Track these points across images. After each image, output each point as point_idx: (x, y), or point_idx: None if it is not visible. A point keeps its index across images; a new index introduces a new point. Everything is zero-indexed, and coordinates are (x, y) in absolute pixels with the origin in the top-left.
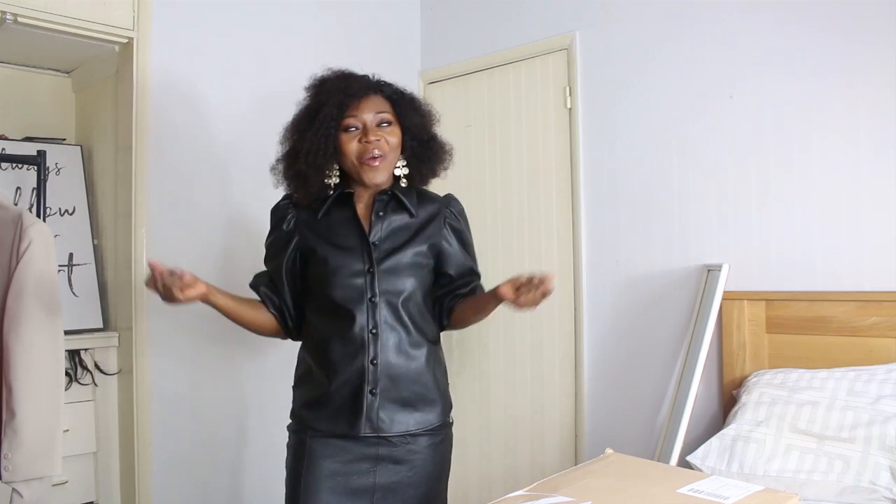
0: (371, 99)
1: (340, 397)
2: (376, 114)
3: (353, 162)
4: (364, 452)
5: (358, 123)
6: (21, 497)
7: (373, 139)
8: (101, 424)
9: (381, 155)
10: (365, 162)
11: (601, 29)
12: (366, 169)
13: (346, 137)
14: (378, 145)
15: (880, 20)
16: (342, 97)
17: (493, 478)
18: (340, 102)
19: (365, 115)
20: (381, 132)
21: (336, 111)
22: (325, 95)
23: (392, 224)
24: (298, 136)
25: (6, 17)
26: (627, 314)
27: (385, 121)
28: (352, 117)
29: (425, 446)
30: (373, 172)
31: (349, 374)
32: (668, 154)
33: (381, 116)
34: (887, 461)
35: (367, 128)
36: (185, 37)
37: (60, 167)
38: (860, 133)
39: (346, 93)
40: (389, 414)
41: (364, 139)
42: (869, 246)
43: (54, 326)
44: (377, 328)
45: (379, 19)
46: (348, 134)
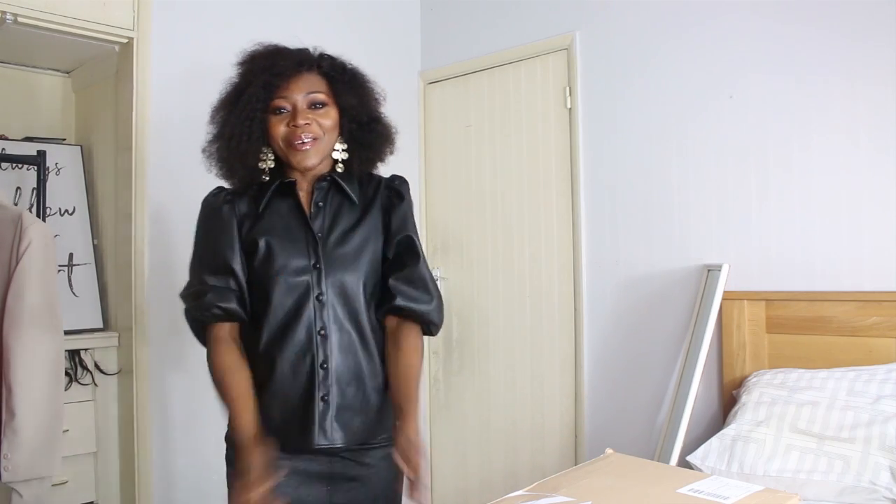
0: (303, 77)
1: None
2: (307, 94)
3: (280, 146)
4: (318, 471)
5: (287, 105)
6: (21, 497)
7: (301, 122)
8: (101, 424)
9: (311, 139)
10: (293, 146)
11: (601, 29)
12: (294, 153)
13: (275, 120)
14: (307, 129)
15: (880, 20)
16: (269, 76)
17: (493, 478)
18: (267, 82)
19: (295, 96)
20: (313, 114)
21: (262, 92)
22: (252, 74)
23: (334, 212)
24: (223, 118)
25: (6, 17)
26: (627, 314)
27: (318, 101)
28: (281, 98)
29: (380, 458)
30: (301, 156)
31: (297, 381)
32: (667, 154)
33: (313, 97)
34: (887, 461)
35: (296, 110)
36: (185, 37)
37: (60, 167)
38: (860, 133)
39: (273, 71)
40: (343, 423)
41: (292, 122)
42: (869, 246)
43: (54, 326)
44: (325, 329)
45: (379, 19)
46: (277, 116)
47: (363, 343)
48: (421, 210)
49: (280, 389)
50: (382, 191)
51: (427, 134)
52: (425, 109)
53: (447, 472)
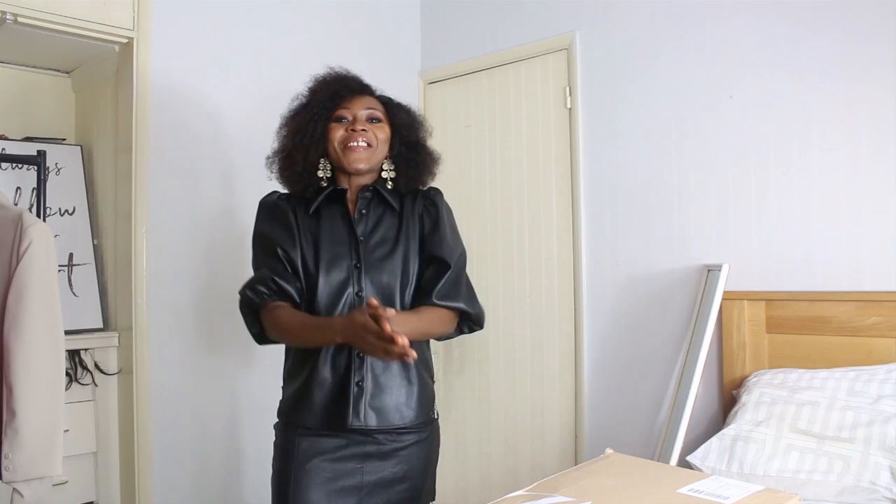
0: (365, 97)
1: (328, 392)
2: (367, 109)
3: (335, 148)
4: (352, 451)
5: (349, 115)
6: (21, 497)
7: (359, 128)
8: (101, 424)
9: (366, 143)
10: (348, 147)
11: (601, 29)
12: (348, 154)
13: (335, 126)
14: (365, 135)
15: (880, 20)
16: (337, 88)
17: (493, 478)
18: (335, 93)
19: (356, 108)
20: (370, 126)
21: (329, 101)
22: (321, 89)
23: (377, 219)
24: (292, 124)
25: (6, 17)
26: (627, 314)
27: (375, 117)
28: (344, 108)
29: (412, 443)
30: (354, 156)
31: (335, 368)
32: (668, 154)
33: (372, 112)
34: (887, 461)
35: (356, 119)
36: (185, 37)
37: (60, 167)
38: (860, 133)
39: (341, 84)
40: (375, 408)
41: (351, 127)
42: (869, 246)
43: (54, 327)
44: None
45: (379, 19)
46: (338, 123)
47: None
48: None
49: (321, 375)
50: (419, 201)
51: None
52: (425, 109)
53: (447, 472)
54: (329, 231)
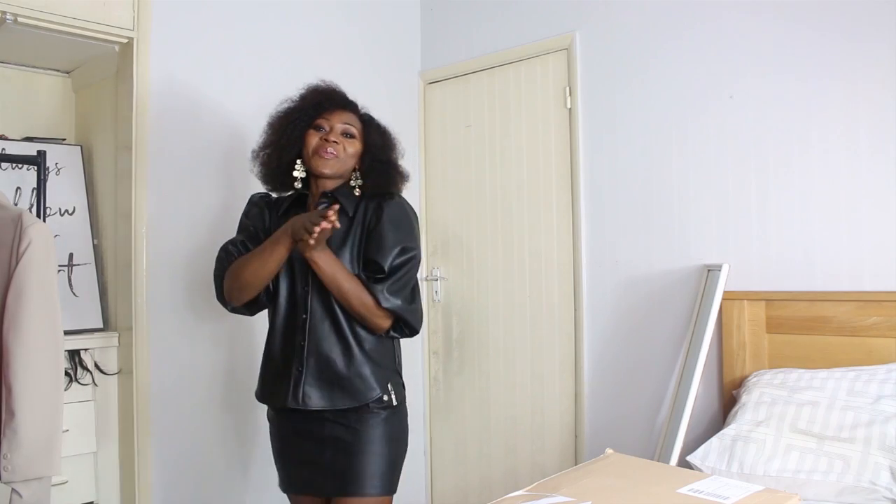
0: (345, 113)
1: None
2: (344, 124)
3: (308, 153)
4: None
5: (326, 126)
6: (21, 497)
7: (332, 139)
8: (101, 424)
9: (334, 154)
10: (318, 152)
11: (601, 29)
12: (317, 159)
13: (313, 133)
14: (335, 146)
15: (880, 20)
16: (321, 99)
17: (493, 478)
18: (318, 104)
19: (334, 122)
20: (343, 140)
21: (312, 110)
22: (308, 96)
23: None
24: (276, 125)
25: (6, 17)
26: (627, 314)
27: (350, 132)
28: (323, 119)
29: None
30: (322, 162)
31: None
32: (668, 154)
33: (347, 128)
34: (887, 461)
35: (332, 130)
36: (185, 37)
37: (60, 167)
38: (860, 133)
39: (326, 96)
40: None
41: (324, 137)
42: (869, 246)
43: (54, 327)
44: (307, 315)
45: (379, 19)
46: (315, 131)
47: (336, 327)
48: (421, 210)
49: (272, 360)
50: (371, 206)
51: (427, 134)
52: (425, 109)
53: (447, 471)
54: None
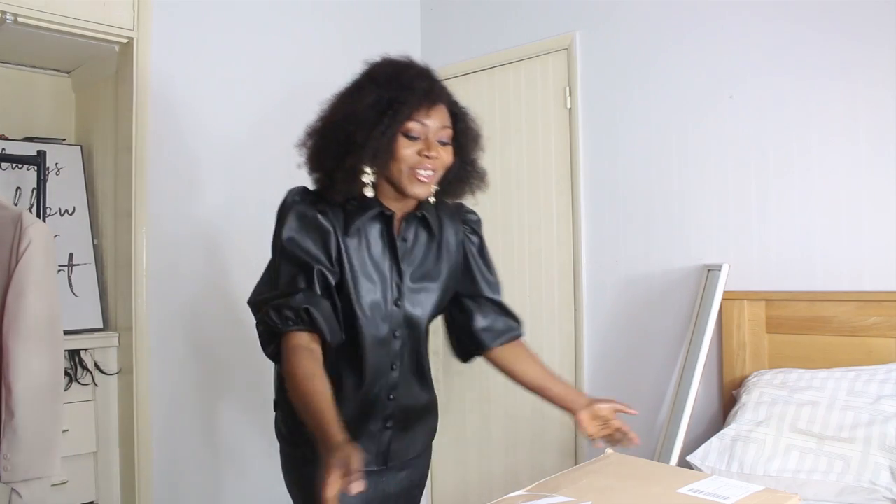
0: (439, 109)
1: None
2: (442, 128)
3: (402, 169)
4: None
5: (421, 133)
6: (20, 497)
7: (433, 155)
8: (101, 424)
9: (433, 175)
10: (416, 175)
11: (601, 29)
12: (413, 182)
13: (405, 142)
14: (435, 163)
15: (880, 21)
16: (420, 99)
17: (493, 478)
18: (417, 104)
19: (430, 127)
20: (441, 149)
21: (404, 108)
22: (401, 91)
23: (418, 245)
24: (351, 118)
25: (6, 17)
26: (627, 314)
27: (446, 139)
28: (418, 122)
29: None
30: (420, 188)
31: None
32: (668, 154)
33: (445, 132)
34: (887, 461)
35: (428, 141)
36: (185, 37)
37: (60, 167)
38: (860, 133)
39: (425, 96)
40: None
41: (425, 152)
42: (869, 246)
43: (54, 326)
44: (395, 363)
45: (379, 19)
46: (408, 140)
47: (420, 373)
48: None
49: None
50: (457, 226)
51: None
52: None
53: (447, 471)
54: (370, 257)
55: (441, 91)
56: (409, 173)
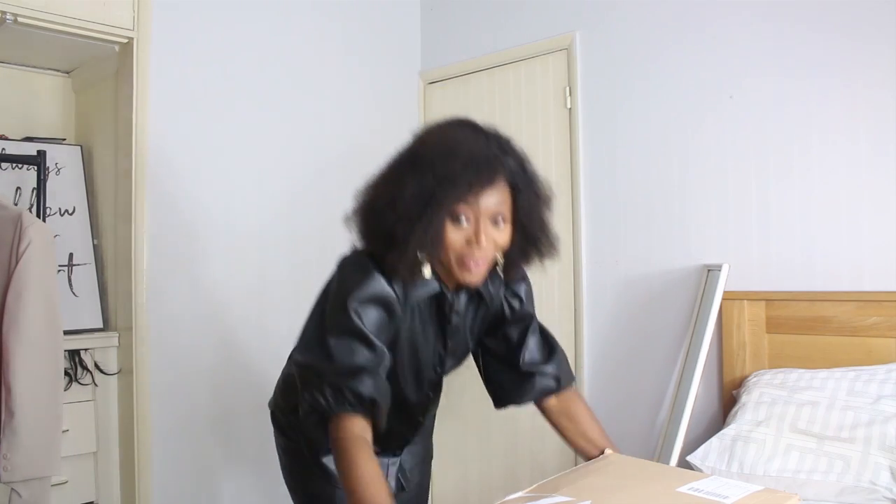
0: (495, 189)
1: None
2: (494, 206)
3: (451, 257)
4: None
5: (470, 215)
6: (20, 497)
7: (483, 243)
8: (101, 424)
9: (485, 259)
10: (465, 265)
11: (601, 29)
12: (463, 271)
13: (452, 229)
14: (485, 252)
15: (880, 21)
16: (468, 188)
17: (493, 478)
18: (464, 194)
19: (483, 207)
20: (494, 232)
21: (452, 192)
22: (446, 180)
23: (467, 322)
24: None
25: (6, 17)
26: (627, 314)
27: (501, 218)
28: (465, 206)
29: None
30: (469, 276)
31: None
32: (668, 154)
33: (499, 211)
34: (887, 461)
35: (478, 225)
36: (185, 37)
37: (60, 167)
38: (860, 133)
39: (475, 181)
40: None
41: (473, 240)
42: (869, 246)
43: (53, 326)
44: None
45: (379, 19)
46: (456, 225)
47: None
48: None
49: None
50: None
51: None
52: (425, 109)
53: (447, 472)
54: (422, 328)
55: (498, 167)
56: (458, 261)
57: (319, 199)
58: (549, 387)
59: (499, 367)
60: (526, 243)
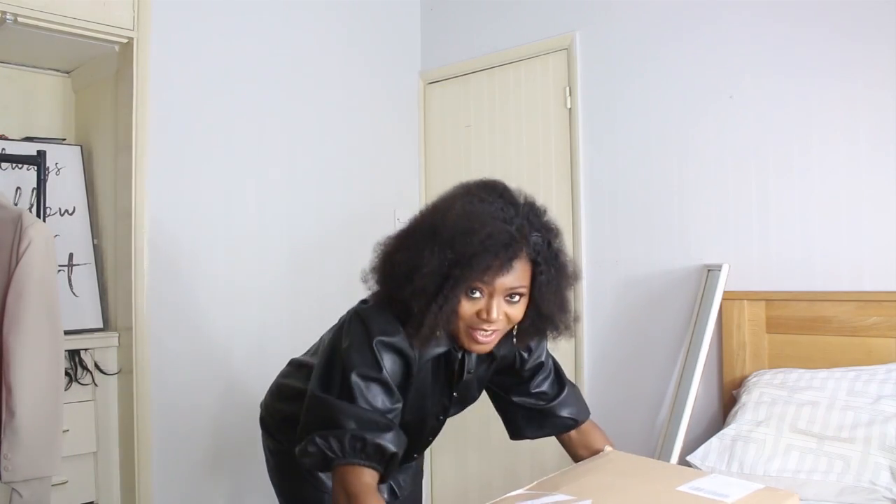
0: (517, 267)
1: None
2: (511, 284)
3: (460, 326)
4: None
5: (485, 291)
6: (21, 497)
7: (493, 317)
8: (101, 424)
9: (491, 339)
10: (474, 336)
11: (601, 29)
12: (472, 343)
13: (466, 302)
14: (496, 326)
15: (880, 21)
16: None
17: (493, 478)
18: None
19: (497, 285)
20: (507, 308)
21: (470, 272)
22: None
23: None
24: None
25: (6, 17)
26: (627, 314)
27: (517, 294)
28: (481, 283)
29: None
30: (479, 347)
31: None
32: (668, 154)
33: (514, 288)
34: (887, 461)
35: (491, 301)
36: (185, 37)
37: (60, 167)
38: (860, 133)
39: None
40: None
41: (484, 314)
42: (869, 246)
43: (54, 326)
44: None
45: (379, 19)
46: (469, 298)
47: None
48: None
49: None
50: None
51: (427, 134)
52: (425, 109)
53: (447, 471)
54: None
55: (520, 245)
56: (466, 331)
57: (320, 198)
58: (567, 425)
59: (510, 405)
60: (540, 319)
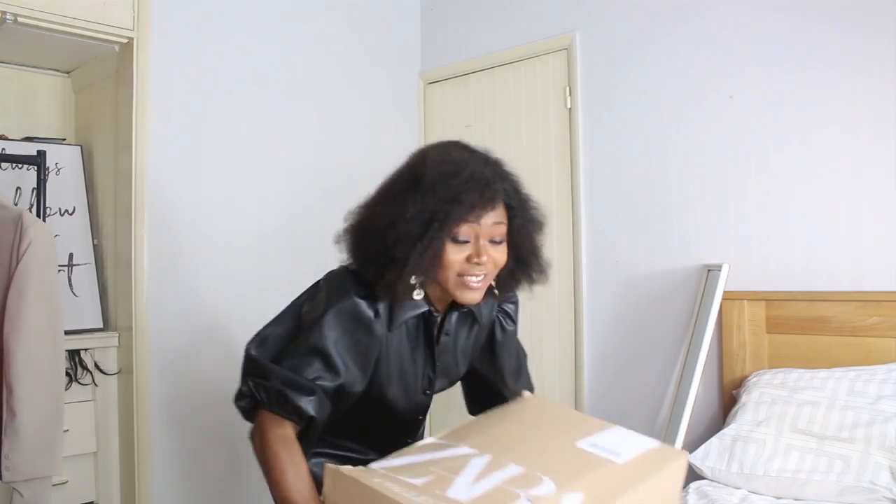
0: (496, 209)
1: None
2: (493, 225)
3: (450, 276)
4: None
5: (471, 236)
6: (21, 497)
7: (484, 260)
8: (101, 424)
9: (484, 276)
10: (466, 283)
11: (601, 29)
12: (463, 290)
13: (453, 249)
14: (486, 268)
15: (880, 17)
16: (469, 210)
17: None
18: (465, 215)
19: (483, 227)
20: (493, 251)
21: (454, 213)
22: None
23: (458, 342)
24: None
25: (6, 17)
26: (627, 314)
27: (500, 237)
28: (468, 225)
29: None
30: (470, 295)
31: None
32: (668, 154)
33: (498, 230)
34: (887, 461)
35: (479, 244)
36: (185, 37)
37: (60, 167)
38: (860, 133)
39: (477, 204)
40: None
41: (474, 258)
42: (869, 246)
43: (54, 327)
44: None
45: (379, 19)
46: (457, 245)
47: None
48: None
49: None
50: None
51: (427, 134)
52: (425, 109)
53: None
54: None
55: (497, 189)
56: (457, 280)
57: (320, 197)
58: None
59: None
60: (517, 266)
